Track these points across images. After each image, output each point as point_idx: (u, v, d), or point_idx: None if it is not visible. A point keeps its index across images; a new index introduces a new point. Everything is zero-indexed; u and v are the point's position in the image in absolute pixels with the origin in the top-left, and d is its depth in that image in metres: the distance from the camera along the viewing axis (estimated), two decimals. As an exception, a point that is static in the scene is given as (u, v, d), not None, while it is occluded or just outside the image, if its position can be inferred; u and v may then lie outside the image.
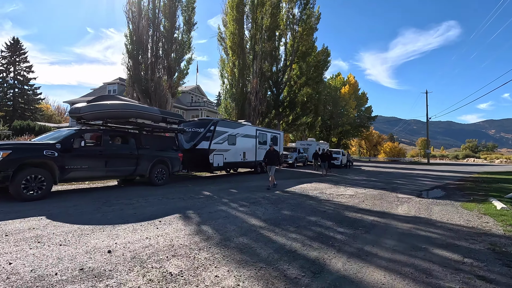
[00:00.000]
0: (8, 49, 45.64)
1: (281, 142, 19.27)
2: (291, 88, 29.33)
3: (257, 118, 24.22)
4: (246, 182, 11.67)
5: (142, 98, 18.23)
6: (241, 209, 6.23)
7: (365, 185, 11.96)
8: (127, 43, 17.65)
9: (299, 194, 8.87)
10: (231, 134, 13.58)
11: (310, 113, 33.33)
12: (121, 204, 6.41)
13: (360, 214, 6.07)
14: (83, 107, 8.05)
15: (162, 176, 9.81)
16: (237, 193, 8.69)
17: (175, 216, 5.39)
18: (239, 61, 23.31)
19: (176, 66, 19.41)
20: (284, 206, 6.77)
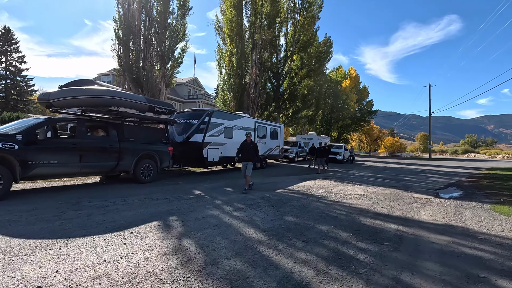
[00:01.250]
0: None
1: (281, 136, 18.20)
2: (292, 80, 28.15)
3: (256, 110, 23.09)
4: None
5: (133, 88, 17.05)
6: (236, 214, 5.19)
7: (373, 182, 10.94)
8: (116, 28, 16.39)
9: (303, 193, 7.84)
10: (228, 126, 12.49)
11: (311, 106, 32.20)
12: (93, 207, 5.36)
13: (379, 220, 5.04)
14: (53, 93, 6.94)
15: (149, 173, 8.75)
16: (232, 192, 7.65)
17: (153, 224, 4.34)
18: (237, 50, 22.06)
19: (170, 54, 18.18)
20: (287, 209, 5.74)
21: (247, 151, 8.01)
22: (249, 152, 8.02)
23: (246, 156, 8.01)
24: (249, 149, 8.04)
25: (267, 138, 16.24)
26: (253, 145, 8.23)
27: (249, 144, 8.11)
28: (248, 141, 8.15)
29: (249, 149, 8.04)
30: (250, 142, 8.16)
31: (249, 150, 8.04)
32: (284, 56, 26.63)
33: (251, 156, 8.01)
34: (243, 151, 8.05)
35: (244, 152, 8.03)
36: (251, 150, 8.05)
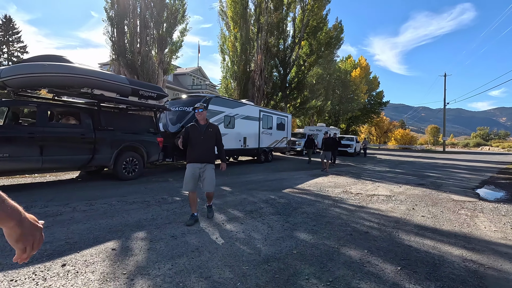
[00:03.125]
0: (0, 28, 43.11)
1: (289, 127, 16.72)
2: (300, 68, 26.44)
3: (262, 100, 21.57)
4: (246, 175, 9.24)
5: (128, 74, 15.68)
6: (229, 228, 3.81)
7: (395, 179, 9.44)
8: (107, 8, 14.94)
9: (317, 194, 6.42)
10: (229, 114, 11.06)
11: (319, 96, 30.49)
12: (41, 215, 4.04)
13: (429, 239, 3.60)
14: (5, 69, 5.60)
15: (133, 168, 7.43)
16: (230, 193, 6.27)
17: (105, 247, 3.00)
18: (241, 34, 20.45)
19: (168, 38, 16.70)
20: (299, 219, 4.33)
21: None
22: (206, 146, 7.32)
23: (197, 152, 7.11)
24: (207, 140, 7.34)
25: (273, 129, 14.78)
26: (217, 132, 7.62)
27: (207, 130, 7.62)
28: (203, 123, 7.42)
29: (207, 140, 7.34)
30: (204, 124, 7.64)
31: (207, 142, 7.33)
32: (292, 42, 24.86)
33: (208, 156, 7.03)
34: (189, 141, 7.71)
35: (191, 144, 7.33)
36: (208, 143, 7.35)
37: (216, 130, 4.10)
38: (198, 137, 3.94)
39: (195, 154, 3.95)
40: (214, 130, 4.08)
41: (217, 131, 4.11)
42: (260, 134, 13.35)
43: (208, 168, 4.02)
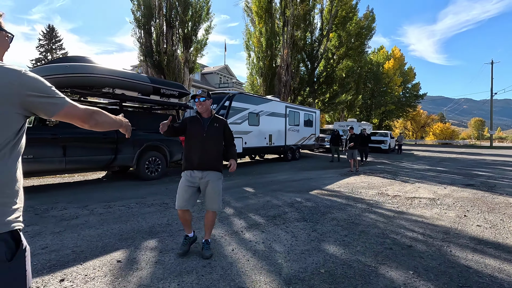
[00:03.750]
0: (45, 37, 46.49)
1: (317, 123, 15.98)
2: (328, 62, 25.36)
3: (289, 95, 20.94)
4: (271, 175, 8.81)
5: (155, 74, 15.94)
6: (248, 237, 3.41)
7: (437, 179, 8.46)
8: (134, 10, 15.22)
9: (348, 196, 5.81)
10: (253, 111, 10.68)
11: (350, 90, 29.05)
12: (57, 218, 3.95)
13: (493, 259, 2.93)
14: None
15: (156, 168, 7.33)
16: (252, 194, 5.89)
17: (111, 258, 2.74)
18: (266, 28, 19.96)
19: (193, 36, 16.69)
20: (328, 227, 3.82)
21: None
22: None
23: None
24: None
25: (301, 125, 14.17)
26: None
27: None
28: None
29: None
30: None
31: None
32: (320, 35, 23.86)
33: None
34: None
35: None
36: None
37: (224, 124, 2.97)
38: (199, 134, 2.78)
39: (194, 158, 2.78)
40: (221, 125, 2.92)
41: (225, 126, 2.98)
42: (286, 131, 12.82)
43: (212, 179, 2.79)
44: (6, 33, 1.10)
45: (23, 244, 0.99)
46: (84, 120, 1.13)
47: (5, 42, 1.10)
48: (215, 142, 2.86)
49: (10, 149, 0.96)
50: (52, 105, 1.03)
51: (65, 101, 1.07)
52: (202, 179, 2.79)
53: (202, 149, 2.79)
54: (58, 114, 1.05)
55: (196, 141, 2.81)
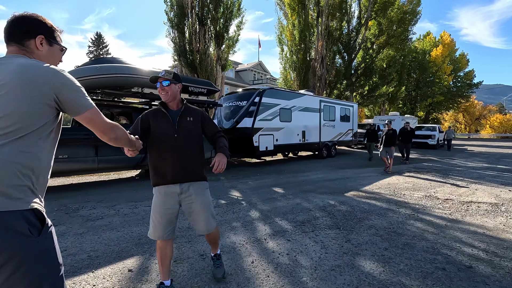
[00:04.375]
0: (93, 43, 50.32)
1: (355, 117, 15.00)
2: (367, 52, 23.79)
3: (324, 89, 20.08)
4: (303, 174, 8.35)
5: (189, 73, 16.23)
6: (272, 247, 3.07)
7: (499, 179, 7.30)
8: (167, 10, 15.57)
9: (389, 199, 5.17)
10: (284, 107, 10.24)
11: (391, 82, 27.04)
12: (84, 218, 3.98)
13: None
14: (64, 74, 5.90)
15: (185, 166, 7.28)
16: (281, 195, 5.52)
17: (123, 267, 2.59)
18: (299, 21, 19.25)
19: (225, 33, 16.65)
20: (364, 237, 3.33)
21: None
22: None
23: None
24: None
25: (336, 120, 13.38)
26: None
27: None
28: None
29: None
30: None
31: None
32: (357, 24, 22.42)
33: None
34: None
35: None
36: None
37: (202, 116, 2.15)
38: (168, 134, 1.98)
39: (167, 168, 1.98)
40: (197, 118, 2.11)
41: (203, 117, 2.15)
42: (321, 126, 12.17)
43: (197, 192, 2.05)
44: (61, 47, 1.27)
45: (48, 222, 1.08)
46: (105, 130, 1.24)
47: (59, 54, 1.27)
48: (192, 141, 2.03)
49: (36, 137, 1.07)
50: (79, 104, 1.13)
51: (91, 104, 1.17)
52: (182, 194, 2.01)
53: (175, 154, 1.97)
54: (83, 114, 1.15)
55: (165, 145, 1.97)
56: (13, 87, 1.02)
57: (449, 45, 43.99)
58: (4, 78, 1.04)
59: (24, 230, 0.97)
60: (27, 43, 1.16)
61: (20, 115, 1.02)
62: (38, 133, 1.07)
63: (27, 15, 1.18)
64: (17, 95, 1.02)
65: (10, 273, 0.94)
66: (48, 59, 1.21)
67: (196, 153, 2.08)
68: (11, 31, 1.15)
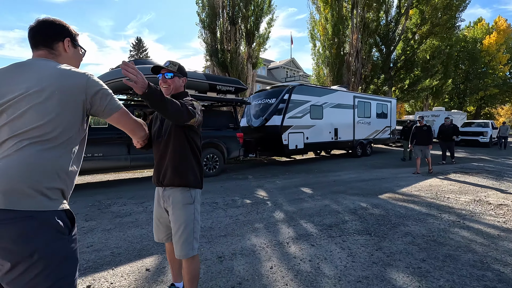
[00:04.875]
0: (134, 48, 53.42)
1: (393, 114, 14.06)
2: (408, 43, 22.21)
3: (359, 85, 19.13)
4: (335, 173, 7.96)
5: (220, 72, 16.44)
6: (294, 252, 2.89)
7: None
8: (199, 11, 15.88)
9: (430, 203, 4.68)
10: (315, 104, 9.87)
11: (436, 74, 24.98)
12: (113, 214, 4.14)
13: None
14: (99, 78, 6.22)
15: (214, 165, 7.34)
16: (309, 196, 5.27)
17: (142, 265, 2.60)
18: (332, 14, 18.50)
19: (255, 31, 16.58)
20: (398, 245, 3.01)
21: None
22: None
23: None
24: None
25: (372, 117, 12.63)
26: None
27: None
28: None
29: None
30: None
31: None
32: (396, 13, 20.97)
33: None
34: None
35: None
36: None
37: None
38: (158, 132, 1.79)
39: (155, 168, 1.83)
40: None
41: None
42: (355, 124, 11.57)
43: (175, 202, 1.72)
44: (81, 48, 1.34)
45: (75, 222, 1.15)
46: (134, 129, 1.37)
47: (80, 56, 1.35)
48: (175, 140, 1.72)
49: (72, 142, 1.13)
50: (110, 107, 1.19)
51: (120, 105, 1.23)
52: (165, 202, 1.78)
53: (159, 154, 1.78)
54: (113, 115, 1.21)
55: (156, 143, 1.80)
56: (53, 92, 1.07)
57: (505, 31, 39.45)
58: (42, 82, 1.07)
59: (60, 229, 1.04)
60: (56, 46, 1.22)
61: (60, 120, 1.08)
62: (74, 138, 1.14)
63: (54, 20, 1.24)
64: (58, 101, 1.07)
65: (39, 271, 0.97)
66: (73, 60, 1.28)
67: (180, 154, 1.72)
68: (40, 35, 1.20)
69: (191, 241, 1.69)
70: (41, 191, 1.02)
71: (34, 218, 0.99)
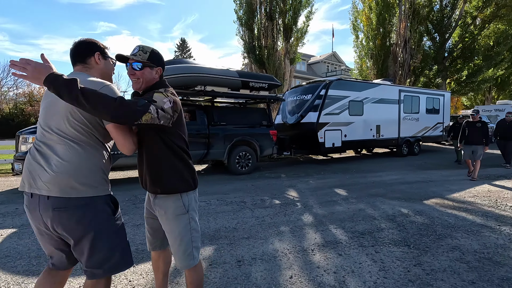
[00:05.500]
0: (178, 48, 56.08)
1: (446, 108, 12.69)
2: (466, 29, 19.80)
3: (407, 77, 17.63)
4: (375, 174, 7.40)
5: (257, 69, 16.39)
6: (317, 260, 2.67)
7: None
8: (236, 9, 15.94)
9: (487, 213, 4.05)
10: (355, 99, 9.27)
11: (501, 63, 21.99)
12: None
13: None
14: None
15: (246, 162, 7.30)
16: (343, 199, 4.93)
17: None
18: (377, 2, 17.26)
19: (293, 25, 16.17)
20: (443, 261, 2.61)
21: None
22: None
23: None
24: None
25: (421, 112, 11.53)
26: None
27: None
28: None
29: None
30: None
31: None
32: (453, -3, 18.83)
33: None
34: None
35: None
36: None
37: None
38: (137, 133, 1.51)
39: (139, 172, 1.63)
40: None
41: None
42: (400, 120, 10.66)
43: (167, 211, 1.53)
44: (111, 59, 1.56)
45: (119, 206, 1.47)
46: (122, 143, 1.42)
47: (112, 66, 1.57)
48: (149, 144, 1.49)
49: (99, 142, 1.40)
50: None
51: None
52: (156, 211, 1.58)
53: (140, 156, 1.56)
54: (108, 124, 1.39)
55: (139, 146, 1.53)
56: None
57: None
58: None
59: (107, 210, 1.38)
60: (88, 60, 1.47)
61: (92, 123, 1.37)
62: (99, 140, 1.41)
63: (85, 40, 1.50)
64: None
65: (90, 241, 1.32)
66: (105, 70, 1.52)
67: (162, 157, 1.49)
68: (75, 53, 1.48)
69: (191, 252, 1.55)
70: (89, 183, 1.37)
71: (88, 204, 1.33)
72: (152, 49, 1.52)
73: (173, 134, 1.49)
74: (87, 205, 1.30)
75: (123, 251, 1.42)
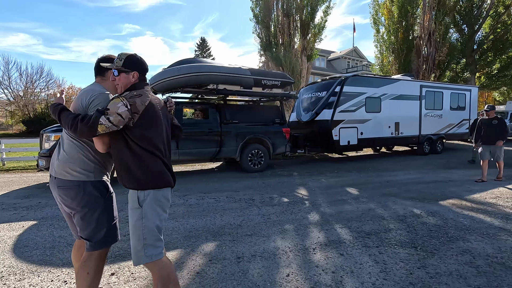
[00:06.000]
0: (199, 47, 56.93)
1: (473, 104, 11.98)
2: (497, 20, 18.59)
3: (432, 72, 16.84)
4: (391, 173, 7.17)
5: (274, 67, 16.31)
6: (317, 260, 2.64)
7: None
8: (253, 7, 15.92)
9: (507, 216, 3.81)
10: (372, 96, 9.00)
11: (537, 55, 20.38)
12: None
13: None
14: (152, 77, 6.70)
15: (259, 160, 7.33)
16: (353, 198, 4.82)
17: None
18: (399, -7, 16.57)
19: (310, 21, 15.92)
20: (450, 264, 2.50)
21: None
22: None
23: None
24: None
25: (444, 109, 10.98)
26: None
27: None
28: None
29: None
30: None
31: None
32: (483, -14, 17.71)
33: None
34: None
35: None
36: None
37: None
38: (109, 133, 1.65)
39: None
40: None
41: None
42: (421, 117, 10.21)
43: (129, 203, 1.64)
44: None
45: (111, 190, 1.82)
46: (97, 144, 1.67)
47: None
48: (113, 143, 1.62)
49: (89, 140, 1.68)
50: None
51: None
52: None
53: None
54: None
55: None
56: None
57: None
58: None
59: (97, 192, 1.71)
60: (105, 73, 1.81)
61: None
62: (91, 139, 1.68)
63: (104, 56, 1.86)
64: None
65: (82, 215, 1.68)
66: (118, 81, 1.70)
67: (116, 157, 1.63)
68: (96, 67, 1.83)
69: (141, 248, 1.57)
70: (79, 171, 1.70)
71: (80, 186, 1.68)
72: (128, 55, 1.67)
73: (136, 136, 1.57)
74: (78, 186, 1.65)
75: (108, 229, 1.74)
